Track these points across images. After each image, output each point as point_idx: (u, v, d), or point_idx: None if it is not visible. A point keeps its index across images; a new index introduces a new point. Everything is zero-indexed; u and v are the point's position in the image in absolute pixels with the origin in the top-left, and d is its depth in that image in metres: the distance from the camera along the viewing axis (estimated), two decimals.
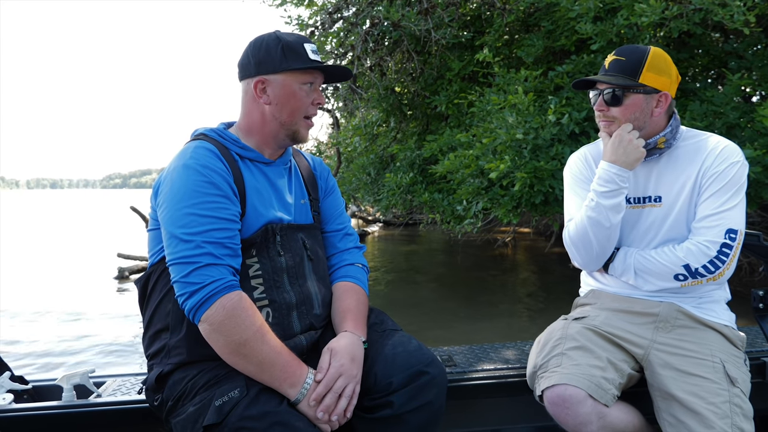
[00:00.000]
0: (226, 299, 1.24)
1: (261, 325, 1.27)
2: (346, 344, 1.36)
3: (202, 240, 1.26)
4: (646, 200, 1.64)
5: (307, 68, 1.42)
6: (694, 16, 4.04)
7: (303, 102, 1.44)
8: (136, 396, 1.67)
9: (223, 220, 1.30)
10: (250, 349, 1.24)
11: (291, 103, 1.43)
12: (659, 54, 1.57)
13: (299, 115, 1.45)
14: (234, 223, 1.33)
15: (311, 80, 1.44)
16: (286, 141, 1.48)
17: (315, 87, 1.46)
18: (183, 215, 1.28)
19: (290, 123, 1.45)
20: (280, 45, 1.41)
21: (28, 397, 1.74)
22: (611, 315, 1.63)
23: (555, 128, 4.38)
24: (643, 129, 1.59)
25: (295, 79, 1.42)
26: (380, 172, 7.02)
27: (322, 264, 1.55)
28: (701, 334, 1.55)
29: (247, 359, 1.25)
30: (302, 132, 1.47)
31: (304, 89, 1.44)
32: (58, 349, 5.34)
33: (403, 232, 15.96)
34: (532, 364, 1.59)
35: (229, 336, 1.24)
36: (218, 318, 1.23)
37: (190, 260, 1.25)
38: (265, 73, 1.42)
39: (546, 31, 5.31)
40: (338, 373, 1.31)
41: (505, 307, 6.74)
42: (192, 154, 1.35)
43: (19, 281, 8.98)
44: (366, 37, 6.09)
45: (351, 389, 1.32)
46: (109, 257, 10.15)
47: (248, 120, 1.47)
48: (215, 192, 1.31)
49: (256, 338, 1.24)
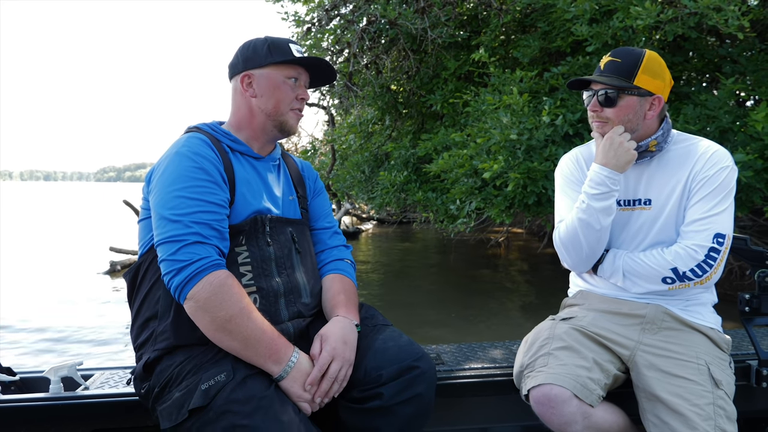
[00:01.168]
0: (213, 276, 1.27)
1: (247, 303, 1.29)
2: (338, 328, 1.39)
3: (190, 220, 1.30)
4: (636, 203, 1.65)
5: (291, 62, 1.48)
6: (689, 20, 4.06)
7: (288, 94, 1.49)
8: (124, 389, 1.67)
9: (211, 204, 1.33)
10: (236, 325, 1.26)
11: (276, 95, 1.48)
12: (654, 57, 1.58)
13: (285, 106, 1.49)
14: (222, 207, 1.36)
15: (295, 75, 1.49)
16: (274, 132, 1.52)
17: (300, 83, 1.51)
18: (173, 198, 1.32)
19: (276, 114, 1.49)
20: (267, 43, 1.49)
21: (15, 389, 1.74)
22: (598, 316, 1.64)
23: (549, 129, 4.40)
24: (635, 131, 1.60)
25: (280, 72, 1.48)
26: (375, 170, 7.02)
27: (310, 257, 1.58)
28: (687, 337, 1.56)
29: (232, 336, 1.26)
30: (290, 122, 1.51)
31: (288, 83, 1.49)
32: (46, 341, 5.32)
33: (397, 230, 15.98)
34: (519, 363, 1.60)
35: (215, 312, 1.25)
36: (204, 294, 1.25)
37: (177, 239, 1.28)
38: (251, 68, 1.49)
39: (542, 32, 5.32)
40: (331, 357, 1.33)
41: (497, 307, 6.76)
42: (184, 143, 1.40)
43: (9, 274, 8.93)
44: (362, 34, 6.09)
45: (344, 372, 1.34)
46: (102, 251, 10.11)
47: (238, 115, 1.53)
48: (205, 177, 1.35)
49: (242, 314, 1.26)
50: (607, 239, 1.62)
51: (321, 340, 1.38)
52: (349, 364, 1.36)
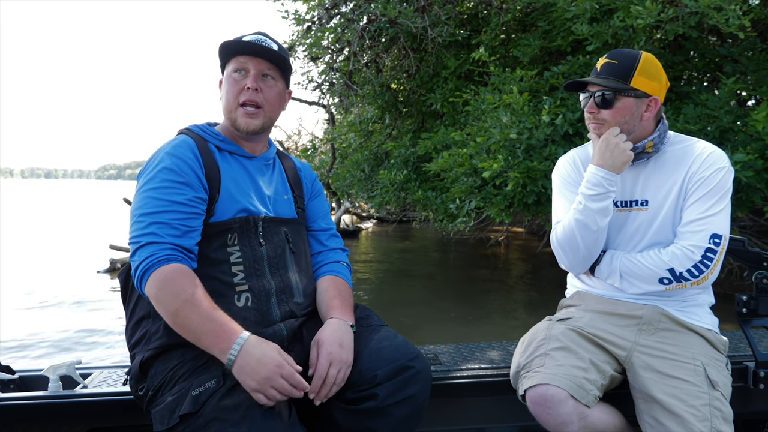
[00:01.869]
0: (159, 272, 1.29)
1: (192, 293, 1.27)
2: (332, 332, 1.39)
3: (150, 221, 1.33)
4: (632, 204, 1.65)
5: (231, 53, 1.47)
6: (689, 20, 4.06)
7: (232, 88, 1.48)
8: (121, 388, 1.68)
9: (174, 203, 1.36)
10: (183, 318, 1.26)
11: (224, 92, 1.50)
12: (650, 59, 1.59)
13: (232, 103, 1.48)
14: (187, 206, 1.37)
15: (240, 67, 1.47)
16: (235, 132, 1.53)
17: (248, 74, 1.47)
18: (141, 198, 1.38)
19: (227, 111, 1.50)
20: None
21: (14, 387, 1.74)
22: (595, 317, 1.64)
23: (549, 129, 4.40)
24: (632, 133, 1.60)
25: (229, 69, 1.49)
26: (374, 169, 7.02)
27: (304, 257, 1.58)
28: (684, 338, 1.56)
29: (184, 329, 1.27)
30: (239, 120, 1.49)
31: (233, 76, 1.48)
32: (45, 340, 5.32)
33: (397, 229, 15.98)
34: (516, 363, 1.60)
35: (165, 307, 1.28)
36: (153, 291, 1.29)
37: (137, 240, 1.33)
38: (221, 74, 1.53)
39: (542, 32, 5.32)
40: (328, 362, 1.33)
41: (496, 307, 6.77)
42: (165, 146, 1.45)
43: (9, 271, 8.94)
44: (362, 33, 6.09)
45: (342, 375, 1.34)
46: (102, 249, 10.12)
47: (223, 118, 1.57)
48: (175, 178, 1.38)
49: (186, 307, 1.26)
50: (604, 240, 1.63)
51: (317, 345, 1.37)
52: (347, 365, 1.36)
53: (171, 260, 1.31)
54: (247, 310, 1.38)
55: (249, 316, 1.38)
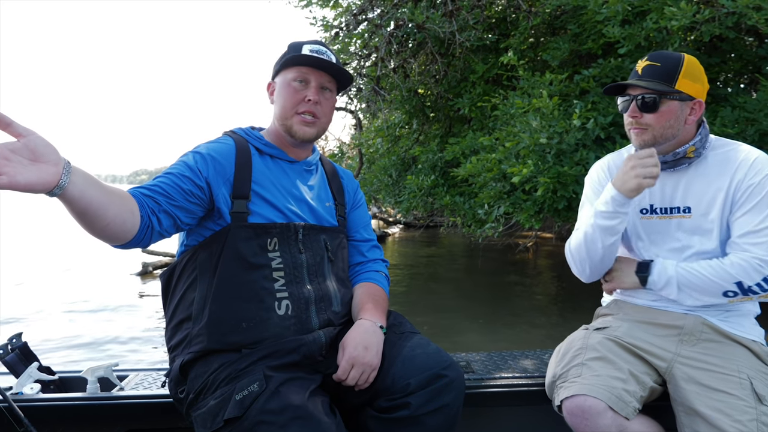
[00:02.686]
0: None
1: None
2: (358, 333, 1.39)
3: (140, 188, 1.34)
4: (674, 210, 1.60)
5: (296, 63, 1.48)
6: (726, 20, 3.95)
7: (291, 97, 1.49)
8: (158, 390, 1.70)
9: (168, 175, 1.37)
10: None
11: (281, 99, 1.51)
12: (693, 61, 1.54)
13: (289, 110, 1.49)
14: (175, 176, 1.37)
15: (301, 77, 1.49)
16: (287, 138, 1.53)
17: (310, 85, 1.49)
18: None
19: (282, 118, 1.51)
20: (287, 48, 1.52)
21: (54, 388, 1.78)
22: (634, 326, 1.60)
23: (580, 133, 4.33)
24: (675, 138, 1.54)
25: (288, 76, 1.50)
26: (402, 174, 7.02)
27: (342, 266, 1.58)
28: (728, 349, 1.50)
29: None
30: (295, 128, 1.50)
31: (293, 85, 1.49)
32: (81, 341, 5.46)
33: (424, 234, 15.92)
34: (551, 373, 1.57)
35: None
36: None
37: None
38: (273, 77, 1.56)
39: (572, 34, 5.25)
40: (350, 364, 1.34)
41: (525, 314, 6.67)
42: (203, 143, 1.50)
43: (45, 274, 9.20)
44: (390, 38, 6.10)
45: (366, 377, 1.34)
46: (134, 252, 10.33)
47: (271, 122, 1.59)
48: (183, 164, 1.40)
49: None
50: (612, 260, 1.62)
51: (342, 347, 1.38)
52: (372, 368, 1.35)
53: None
54: (288, 319, 1.39)
55: (289, 325, 1.38)
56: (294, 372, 1.33)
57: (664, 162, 1.58)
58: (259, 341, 1.35)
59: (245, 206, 1.42)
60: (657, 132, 1.53)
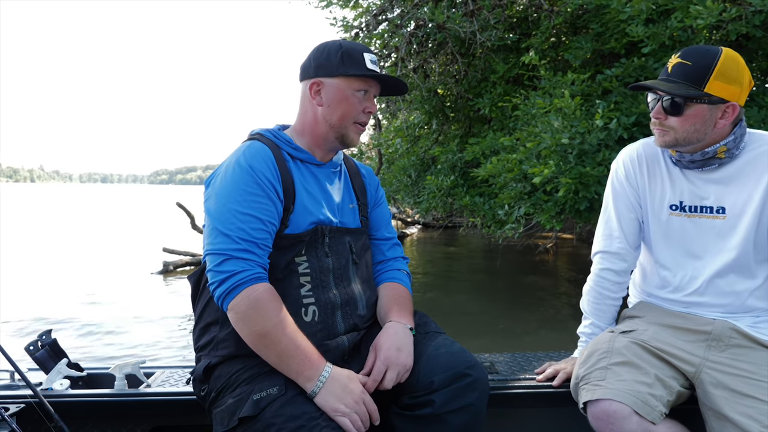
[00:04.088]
0: (251, 290, 1.28)
1: (283, 317, 1.29)
2: (390, 335, 1.39)
3: (238, 236, 1.32)
4: (705, 210, 1.55)
5: (363, 76, 1.45)
6: (754, 18, 3.87)
7: (355, 107, 1.47)
8: (184, 387, 1.72)
9: (260, 221, 1.34)
10: (270, 340, 1.27)
11: (342, 107, 1.46)
12: (731, 58, 1.43)
13: (349, 119, 1.47)
14: (270, 224, 1.37)
15: (365, 88, 1.47)
16: (335, 144, 1.51)
17: (368, 96, 1.49)
18: (226, 210, 1.34)
19: (339, 126, 1.47)
20: (341, 51, 1.45)
21: (82, 384, 1.82)
22: (660, 330, 1.57)
23: (602, 133, 4.28)
24: (701, 141, 1.49)
25: (350, 85, 1.45)
26: (421, 174, 7.01)
27: (366, 268, 1.58)
28: (757, 354, 1.47)
29: (268, 349, 1.28)
30: (351, 136, 1.49)
31: (357, 96, 1.46)
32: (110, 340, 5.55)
33: (443, 234, 15.88)
34: (575, 375, 1.55)
35: (252, 326, 1.28)
36: (242, 308, 1.28)
37: (224, 252, 1.31)
38: (322, 76, 1.46)
39: (595, 34, 5.19)
40: (385, 366, 1.34)
41: (546, 316, 6.62)
42: (244, 153, 1.41)
43: (69, 273, 9.38)
44: (410, 38, 6.09)
45: (400, 378, 1.35)
46: (155, 251, 10.49)
47: (302, 120, 1.52)
48: (258, 192, 1.36)
49: (277, 330, 1.27)
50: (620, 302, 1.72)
51: (375, 350, 1.38)
52: (406, 369, 1.36)
53: (262, 280, 1.32)
54: (314, 325, 1.39)
55: (315, 331, 1.39)
56: None
57: (692, 161, 1.54)
58: None
59: (287, 218, 1.41)
60: (680, 135, 1.48)
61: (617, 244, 1.67)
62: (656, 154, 1.64)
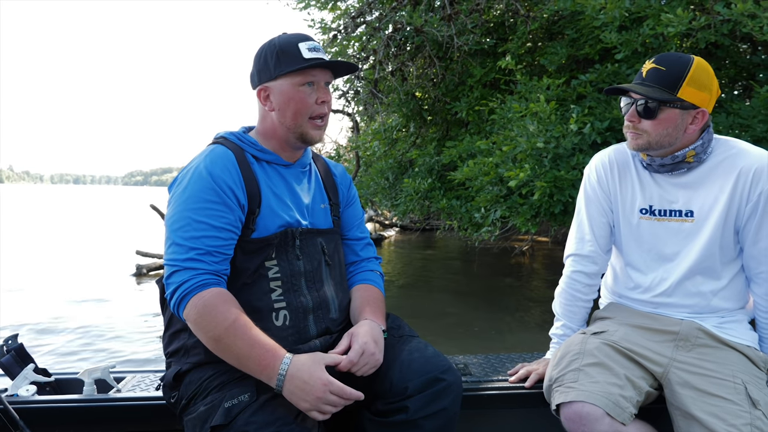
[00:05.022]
0: (198, 297, 1.27)
1: (234, 320, 1.25)
2: (367, 329, 1.39)
3: (189, 245, 1.30)
4: (674, 213, 1.59)
5: (301, 68, 1.39)
6: (722, 27, 3.98)
7: (304, 103, 1.41)
8: (155, 392, 1.69)
9: (214, 228, 1.32)
10: (226, 344, 1.25)
11: (292, 107, 1.41)
12: (702, 67, 1.47)
13: (303, 117, 1.42)
14: (227, 231, 1.34)
15: (309, 80, 1.41)
16: (297, 143, 1.47)
17: (318, 86, 1.43)
18: (181, 218, 1.33)
19: (295, 126, 1.43)
20: (276, 50, 1.41)
21: (50, 390, 1.77)
22: (630, 330, 1.60)
23: (576, 137, 4.35)
24: (672, 145, 1.53)
25: (292, 82, 1.41)
26: (398, 177, 7.03)
27: (339, 269, 1.56)
28: (722, 354, 1.51)
29: (226, 353, 1.26)
30: (311, 133, 1.44)
31: (302, 90, 1.41)
32: (76, 343, 5.43)
33: (420, 237, 15.94)
34: (548, 376, 1.57)
35: (205, 332, 1.26)
36: (192, 316, 1.27)
37: (173, 262, 1.30)
38: (265, 81, 1.43)
39: (570, 40, 5.28)
40: (362, 350, 1.33)
41: (522, 318, 6.69)
42: (205, 159, 1.39)
43: (39, 276, 9.15)
44: (388, 41, 6.11)
45: (368, 369, 1.34)
46: (128, 254, 10.30)
47: (263, 126, 1.49)
48: (215, 199, 1.34)
49: (229, 334, 1.24)
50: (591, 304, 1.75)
51: (351, 336, 1.37)
52: (376, 364, 1.35)
53: (210, 285, 1.29)
54: (286, 329, 1.38)
55: (287, 335, 1.37)
56: None
57: (662, 165, 1.58)
58: None
59: (253, 222, 1.39)
60: (653, 138, 1.52)
61: (589, 248, 1.70)
62: (627, 159, 1.67)
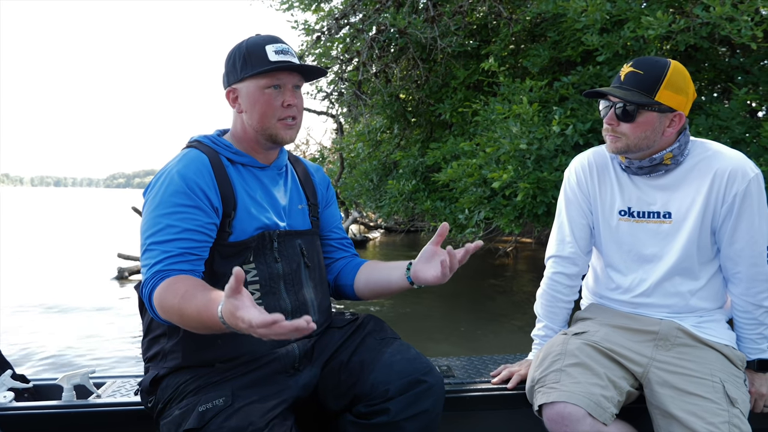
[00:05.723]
0: (156, 291, 1.24)
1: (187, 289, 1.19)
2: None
3: (163, 249, 1.28)
4: (652, 215, 1.61)
5: (266, 71, 1.37)
6: (701, 30, 4.04)
7: (270, 106, 1.39)
8: (135, 398, 1.67)
9: (188, 230, 1.30)
10: (188, 315, 1.16)
11: (258, 109, 1.40)
12: (679, 71, 1.50)
13: (270, 119, 1.40)
14: (200, 233, 1.32)
15: (275, 83, 1.39)
16: (268, 144, 1.45)
17: (284, 89, 1.40)
18: (154, 223, 1.31)
19: (263, 128, 1.41)
20: (243, 52, 1.39)
21: (28, 396, 1.74)
22: (611, 331, 1.62)
23: (559, 139, 4.39)
24: (650, 147, 1.55)
25: (257, 85, 1.39)
26: (383, 179, 7.03)
27: (319, 271, 1.55)
28: (701, 353, 1.53)
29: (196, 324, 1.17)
30: (281, 134, 1.42)
31: (268, 93, 1.39)
32: (56, 348, 5.34)
33: (404, 239, 15.94)
34: (530, 377, 1.58)
35: (173, 319, 1.22)
36: (156, 302, 1.24)
37: (146, 266, 1.29)
38: (233, 83, 1.42)
39: (552, 42, 5.32)
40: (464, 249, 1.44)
41: (506, 319, 6.72)
42: (178, 162, 1.38)
43: (19, 280, 8.99)
44: (372, 43, 6.12)
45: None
46: (110, 257, 10.16)
47: (235, 128, 1.48)
48: (187, 202, 1.32)
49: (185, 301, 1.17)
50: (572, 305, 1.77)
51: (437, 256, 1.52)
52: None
53: (165, 276, 1.26)
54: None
55: (264, 339, 1.36)
56: (265, 388, 1.31)
57: (640, 167, 1.60)
58: (234, 357, 1.34)
59: (229, 225, 1.38)
60: (631, 141, 1.53)
61: (569, 249, 1.71)
62: (606, 161, 1.69)
